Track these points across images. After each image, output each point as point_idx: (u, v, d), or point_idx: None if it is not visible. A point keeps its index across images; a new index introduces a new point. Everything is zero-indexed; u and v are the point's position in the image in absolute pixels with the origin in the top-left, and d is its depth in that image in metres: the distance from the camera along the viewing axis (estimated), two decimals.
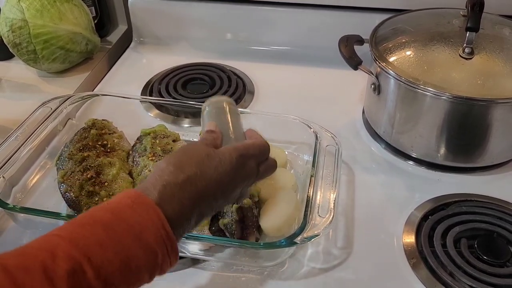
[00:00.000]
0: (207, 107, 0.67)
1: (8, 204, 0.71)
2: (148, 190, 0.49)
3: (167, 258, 0.48)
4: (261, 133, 0.66)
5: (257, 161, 0.59)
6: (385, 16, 0.95)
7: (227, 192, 0.56)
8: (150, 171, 0.76)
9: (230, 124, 0.65)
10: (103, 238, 0.44)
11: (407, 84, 0.80)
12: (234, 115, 0.67)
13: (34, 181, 0.82)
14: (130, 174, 0.79)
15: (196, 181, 0.52)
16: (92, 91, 1.09)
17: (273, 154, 0.82)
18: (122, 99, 0.94)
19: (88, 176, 0.75)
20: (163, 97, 1.03)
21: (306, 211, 0.66)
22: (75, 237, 0.43)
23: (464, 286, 0.65)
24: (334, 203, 0.69)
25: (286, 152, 0.85)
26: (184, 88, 1.07)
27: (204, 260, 0.70)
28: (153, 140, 0.81)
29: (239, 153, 0.57)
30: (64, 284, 0.40)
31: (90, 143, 0.82)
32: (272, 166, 0.63)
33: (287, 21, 1.15)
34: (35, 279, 0.39)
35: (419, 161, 0.87)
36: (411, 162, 0.88)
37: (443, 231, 0.72)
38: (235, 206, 0.70)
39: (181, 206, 0.50)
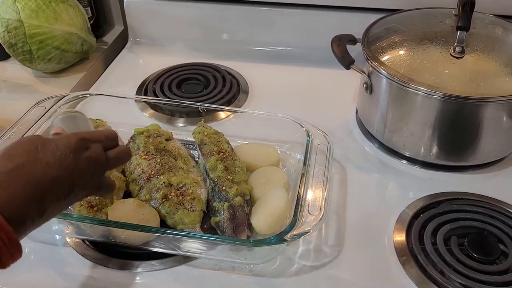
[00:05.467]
0: (55, 118, 0.67)
1: None
2: None
3: (4, 250, 0.46)
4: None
5: (103, 145, 0.57)
6: (378, 16, 0.95)
7: (74, 178, 0.52)
8: (142, 169, 0.77)
9: (79, 128, 0.64)
10: None
11: (399, 83, 0.80)
12: (83, 121, 0.66)
13: None
14: (123, 172, 0.79)
15: (29, 167, 0.49)
16: (88, 91, 1.09)
17: (265, 152, 0.84)
18: (117, 98, 0.94)
19: None
20: (158, 97, 1.04)
21: (296, 208, 0.67)
22: None
23: (454, 283, 0.65)
24: (324, 201, 0.69)
25: (279, 151, 0.85)
26: (178, 88, 1.07)
27: (195, 258, 0.70)
28: (146, 139, 0.82)
29: (79, 137, 0.54)
30: None
31: None
32: (124, 152, 0.60)
33: (281, 22, 1.16)
34: None
35: (411, 160, 0.87)
36: (403, 161, 0.88)
37: (433, 229, 0.72)
38: (226, 204, 0.71)
39: (13, 194, 0.47)
